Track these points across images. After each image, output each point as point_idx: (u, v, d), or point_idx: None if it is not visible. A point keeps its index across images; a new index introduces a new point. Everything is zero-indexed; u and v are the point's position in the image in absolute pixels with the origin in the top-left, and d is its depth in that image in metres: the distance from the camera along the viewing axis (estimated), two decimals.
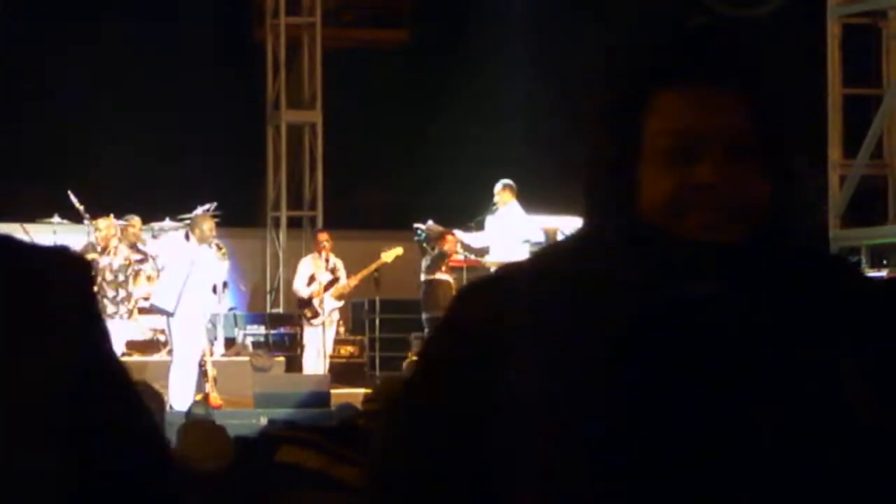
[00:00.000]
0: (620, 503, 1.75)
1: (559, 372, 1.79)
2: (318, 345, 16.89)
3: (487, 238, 16.67)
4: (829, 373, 1.78)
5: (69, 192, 16.92)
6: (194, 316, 14.33)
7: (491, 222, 16.61)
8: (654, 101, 1.83)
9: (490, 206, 16.62)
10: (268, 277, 20.55)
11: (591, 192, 1.87)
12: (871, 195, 16.08)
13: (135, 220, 16.97)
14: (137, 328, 16.48)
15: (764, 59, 1.86)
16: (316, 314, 16.90)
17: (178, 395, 13.85)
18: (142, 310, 16.20)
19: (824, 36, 16.02)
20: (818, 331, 1.81)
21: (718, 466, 1.74)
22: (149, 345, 16.72)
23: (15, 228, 17.07)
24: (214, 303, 16.26)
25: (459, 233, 16.78)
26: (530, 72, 21.15)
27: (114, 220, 16.25)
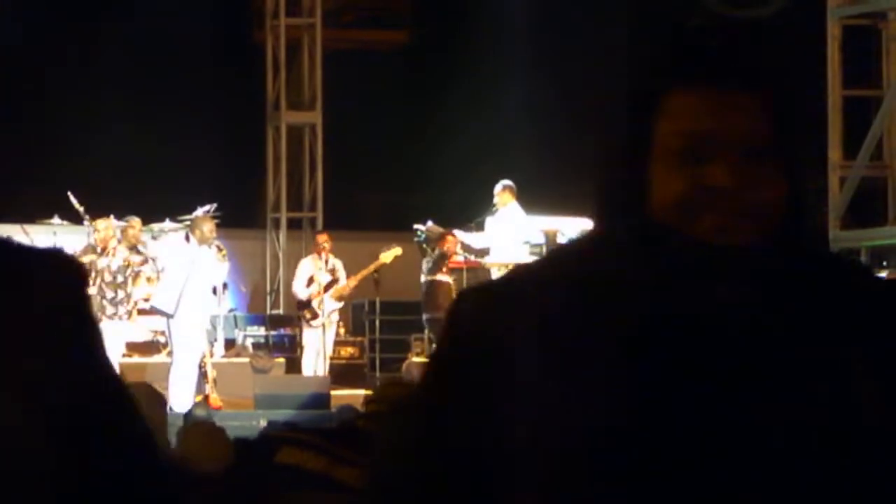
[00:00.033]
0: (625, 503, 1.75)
1: (568, 373, 1.78)
2: (316, 346, 16.87)
3: (487, 239, 16.65)
4: (841, 374, 1.78)
5: (69, 193, 16.91)
6: (194, 317, 14.32)
7: (491, 223, 16.59)
8: (665, 103, 1.82)
9: (490, 208, 16.61)
10: (268, 279, 20.55)
11: (602, 192, 1.87)
12: (870, 196, 16.07)
13: (135, 221, 16.96)
14: (137, 329, 16.47)
15: (777, 59, 1.85)
16: (315, 315, 16.89)
17: (178, 396, 13.84)
18: (141, 311, 16.20)
19: (824, 37, 16.02)
20: (830, 332, 1.80)
21: (726, 467, 1.74)
22: (149, 346, 16.71)
23: (15, 229, 17.06)
24: (214, 304, 16.26)
25: (460, 233, 16.76)
26: (530, 73, 21.14)
27: (113, 222, 16.24)
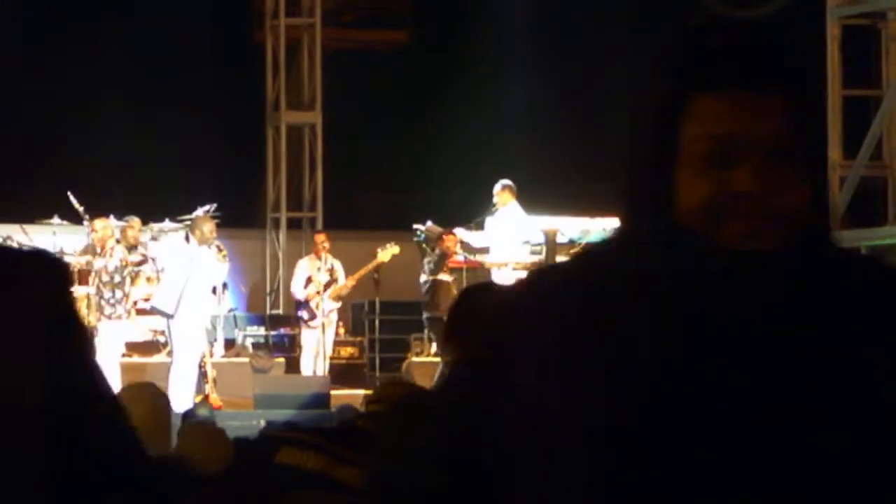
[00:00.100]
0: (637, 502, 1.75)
1: (584, 374, 1.78)
2: (315, 347, 16.87)
3: (487, 239, 16.64)
4: (863, 376, 1.77)
5: (69, 193, 16.90)
6: (194, 318, 14.32)
7: (491, 223, 16.58)
8: (691, 105, 1.81)
9: (490, 207, 16.60)
10: (267, 278, 20.55)
11: (628, 194, 1.86)
12: (870, 196, 16.07)
13: (134, 220, 16.96)
14: (137, 329, 16.48)
15: (798, 61, 1.85)
16: (313, 316, 16.89)
17: (178, 396, 13.83)
18: (141, 311, 16.20)
19: (824, 37, 16.02)
20: (852, 334, 1.79)
21: (744, 469, 1.74)
22: (148, 346, 16.73)
23: (14, 229, 17.08)
24: (214, 304, 16.26)
25: (461, 231, 16.75)
26: (530, 73, 21.15)
27: (112, 221, 16.22)
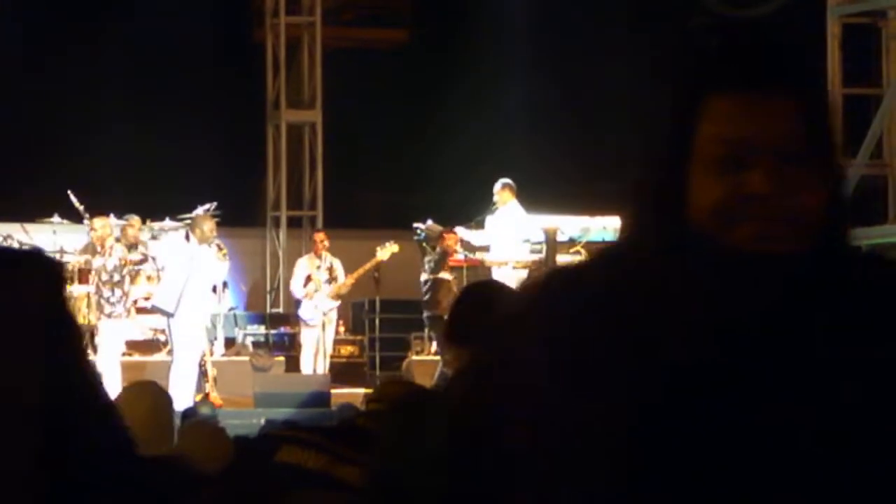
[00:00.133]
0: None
1: (594, 376, 1.77)
2: (314, 345, 16.88)
3: (488, 237, 16.64)
4: (874, 377, 1.76)
5: (69, 192, 16.89)
6: (194, 316, 14.32)
7: (491, 222, 16.57)
8: (705, 106, 1.81)
9: (490, 206, 16.59)
10: (268, 277, 20.55)
11: (640, 195, 1.86)
12: (870, 195, 16.07)
13: (134, 219, 16.95)
14: (137, 328, 16.48)
15: (811, 62, 1.84)
16: (312, 315, 16.90)
17: (178, 395, 13.84)
18: (141, 310, 16.20)
19: (824, 36, 16.03)
20: (871, 335, 1.78)
21: (751, 471, 1.73)
22: (149, 345, 16.72)
23: (15, 228, 17.08)
24: (214, 303, 16.26)
25: (461, 230, 16.75)
26: (530, 72, 21.14)
27: (112, 220, 16.21)
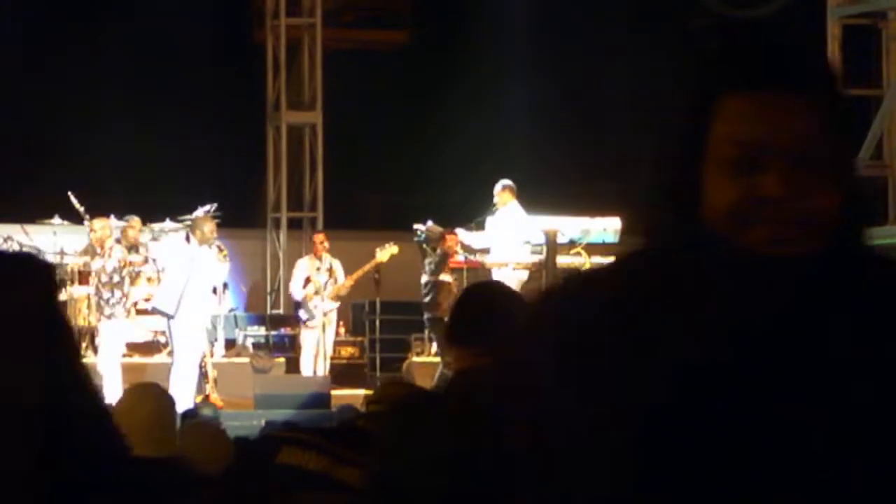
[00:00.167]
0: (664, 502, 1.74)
1: (606, 378, 1.77)
2: (313, 347, 16.88)
3: (488, 239, 16.63)
4: (886, 379, 1.75)
5: (69, 194, 16.90)
6: (195, 318, 14.32)
7: (491, 223, 16.57)
8: (719, 106, 1.79)
9: (490, 207, 16.59)
10: (268, 278, 20.55)
11: (654, 195, 1.85)
12: (870, 196, 16.07)
13: (134, 220, 16.95)
14: (137, 329, 16.47)
15: (826, 62, 1.83)
16: (311, 316, 16.91)
17: (179, 396, 13.83)
18: (142, 311, 16.19)
19: (824, 37, 16.03)
20: (884, 338, 1.77)
21: (763, 471, 1.73)
22: (149, 346, 16.72)
23: (15, 229, 17.08)
24: (215, 304, 16.26)
25: (461, 232, 16.75)
26: (530, 73, 21.15)
27: (112, 221, 16.21)
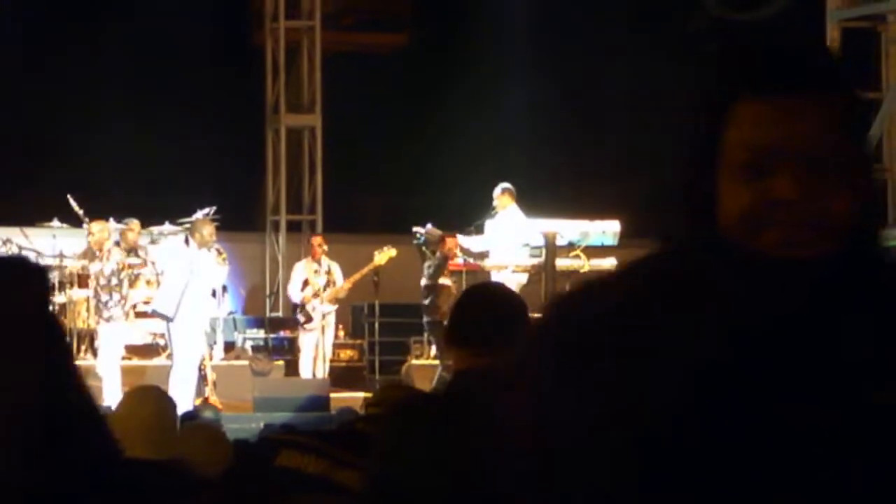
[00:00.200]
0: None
1: (614, 384, 1.75)
2: (312, 350, 16.88)
3: (487, 242, 16.64)
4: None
5: (69, 196, 16.90)
6: (194, 321, 14.32)
7: (490, 226, 16.58)
8: (733, 111, 1.80)
9: (489, 210, 16.60)
10: (267, 281, 20.55)
11: (667, 200, 1.85)
12: None
13: (134, 223, 16.94)
14: (136, 332, 16.47)
15: (840, 65, 1.82)
16: (309, 319, 16.90)
17: (178, 399, 13.78)
18: (141, 314, 16.19)
19: (823, 39, 16.04)
20: (888, 341, 1.76)
21: (769, 472, 1.72)
22: (148, 349, 16.73)
23: (14, 232, 17.08)
24: (214, 307, 16.26)
25: (460, 237, 16.75)
26: (530, 73, 21.16)
27: (111, 224, 16.20)
